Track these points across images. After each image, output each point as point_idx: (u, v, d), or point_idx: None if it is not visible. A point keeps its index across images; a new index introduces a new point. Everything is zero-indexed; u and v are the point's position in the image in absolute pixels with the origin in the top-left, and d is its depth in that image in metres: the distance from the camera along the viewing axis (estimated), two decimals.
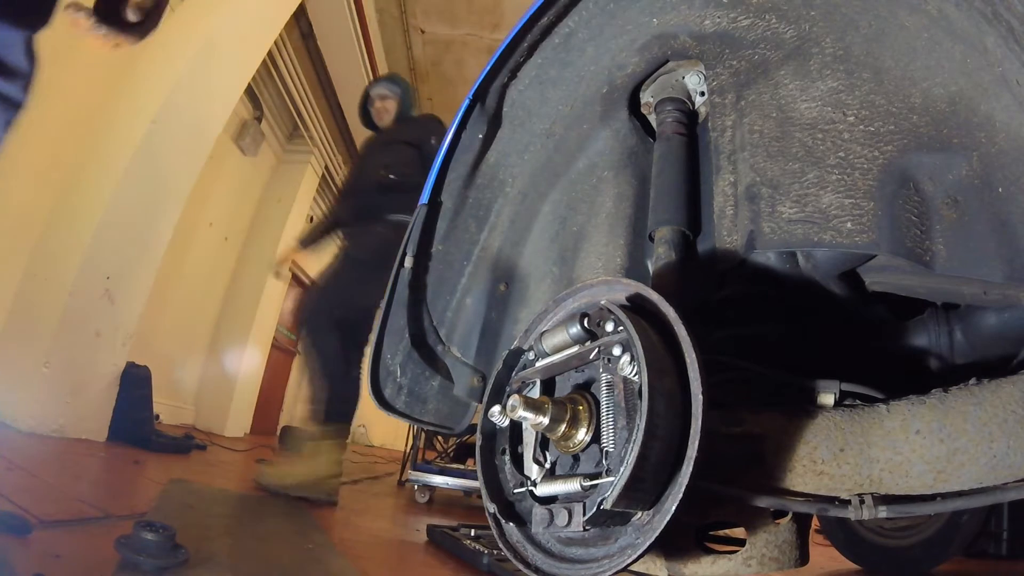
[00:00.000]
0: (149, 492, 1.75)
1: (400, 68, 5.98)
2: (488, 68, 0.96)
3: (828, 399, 0.74)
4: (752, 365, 0.81)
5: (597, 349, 0.60)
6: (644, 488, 0.53)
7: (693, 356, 0.55)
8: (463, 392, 1.04)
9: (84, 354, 2.64)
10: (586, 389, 0.63)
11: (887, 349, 0.87)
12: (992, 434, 0.60)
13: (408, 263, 1.01)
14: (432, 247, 1.05)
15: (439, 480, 3.20)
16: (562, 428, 0.60)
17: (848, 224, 0.69)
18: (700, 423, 0.52)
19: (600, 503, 0.53)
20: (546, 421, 0.59)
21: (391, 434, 10.59)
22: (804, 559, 0.78)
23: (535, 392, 0.67)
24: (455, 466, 3.70)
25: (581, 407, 0.61)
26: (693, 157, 0.91)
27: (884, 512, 0.62)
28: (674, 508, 0.52)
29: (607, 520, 0.55)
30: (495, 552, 1.56)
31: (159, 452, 2.78)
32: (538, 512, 0.61)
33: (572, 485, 0.58)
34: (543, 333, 0.68)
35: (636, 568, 0.73)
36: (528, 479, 0.64)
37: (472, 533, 1.88)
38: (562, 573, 0.58)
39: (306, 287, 2.67)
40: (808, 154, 0.75)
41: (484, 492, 0.67)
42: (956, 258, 0.66)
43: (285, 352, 6.42)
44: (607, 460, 0.56)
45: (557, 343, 0.66)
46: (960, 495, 0.61)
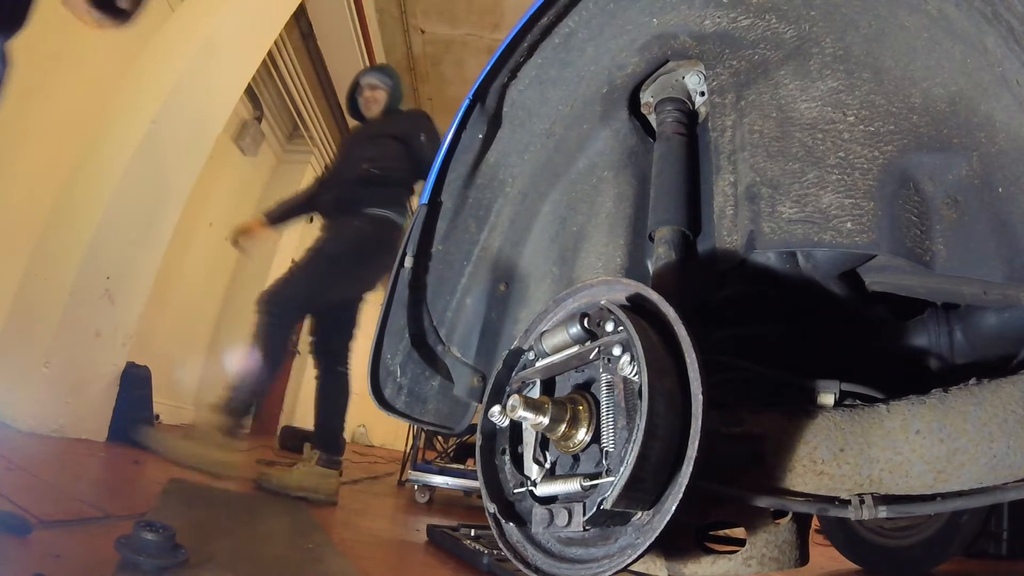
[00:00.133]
0: (149, 492, 1.75)
1: (400, 68, 5.97)
2: (488, 68, 0.96)
3: (828, 399, 0.74)
4: (752, 365, 0.81)
5: (597, 349, 0.60)
6: (644, 488, 0.53)
7: (693, 356, 0.55)
8: (463, 392, 1.04)
9: (84, 354, 2.64)
10: (586, 389, 0.63)
11: (887, 349, 0.87)
12: (992, 434, 0.60)
13: (408, 263, 1.01)
14: (432, 247, 1.05)
15: (439, 480, 3.20)
16: (562, 428, 0.60)
17: (848, 224, 0.69)
18: (700, 423, 0.52)
19: (600, 503, 0.53)
20: (546, 421, 0.59)
21: (391, 434, 10.59)
22: (804, 559, 0.78)
23: (535, 392, 0.67)
24: (455, 466, 3.70)
25: (581, 407, 0.61)
26: (693, 157, 0.91)
27: (884, 512, 0.62)
28: (674, 508, 0.52)
29: (607, 520, 0.55)
30: (495, 552, 1.56)
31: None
32: (538, 512, 0.61)
33: (572, 485, 0.58)
34: (543, 333, 0.68)
35: (636, 568, 0.73)
36: (528, 479, 0.64)
37: (472, 533, 1.88)
38: (562, 573, 0.58)
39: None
40: (808, 154, 0.75)
41: (484, 492, 0.67)
42: (956, 258, 0.66)
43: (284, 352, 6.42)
44: (607, 460, 0.56)
45: (557, 343, 0.66)
46: (960, 495, 0.61)
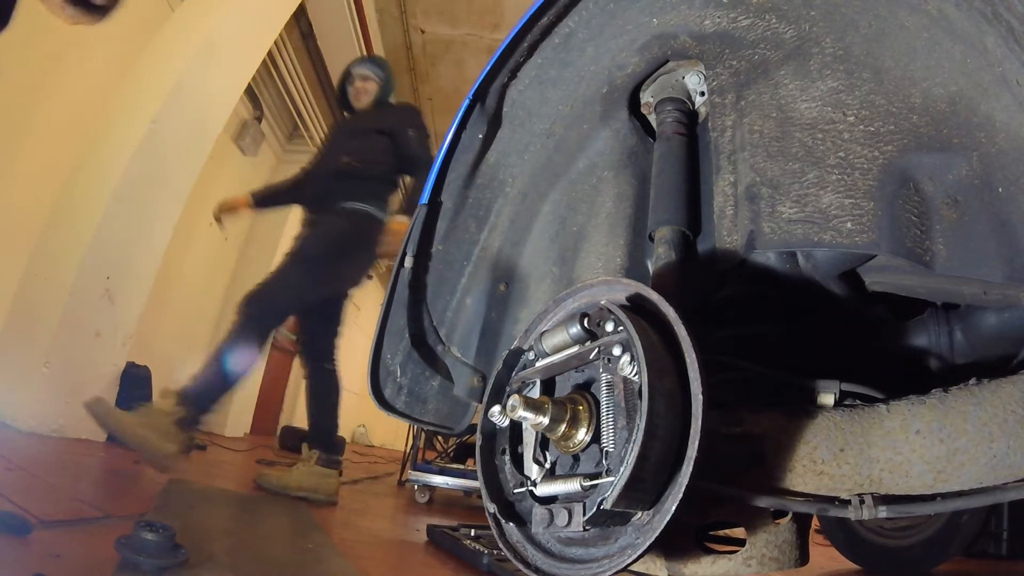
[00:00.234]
0: (149, 492, 1.75)
1: (400, 68, 5.97)
2: (488, 68, 0.96)
3: (828, 399, 0.74)
4: (752, 365, 0.81)
5: (597, 349, 0.60)
6: (644, 488, 0.53)
7: (693, 356, 0.55)
8: (463, 392, 1.04)
9: (84, 354, 2.64)
10: (586, 389, 0.63)
11: (887, 349, 0.87)
12: (992, 434, 0.60)
13: (408, 263, 1.01)
14: (432, 247, 1.05)
15: (439, 480, 3.20)
16: (562, 428, 0.60)
17: (848, 224, 0.69)
18: (700, 423, 0.52)
19: (600, 503, 0.53)
20: (546, 421, 0.59)
21: (391, 434, 10.60)
22: (804, 559, 0.78)
23: (535, 392, 0.67)
24: (455, 466, 3.70)
25: (581, 407, 0.61)
26: (693, 157, 0.91)
27: (884, 512, 0.62)
28: (674, 508, 0.52)
29: (607, 520, 0.55)
30: (495, 552, 1.56)
31: None
32: (538, 512, 0.61)
33: (572, 485, 0.58)
34: (543, 333, 0.68)
35: (636, 568, 0.73)
36: (528, 479, 0.64)
37: (472, 533, 1.88)
38: (562, 573, 0.58)
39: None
40: (808, 154, 0.74)
41: (484, 492, 0.67)
42: (956, 258, 0.66)
43: (285, 352, 6.43)
44: (607, 460, 0.56)
45: (557, 343, 0.66)
46: (960, 495, 0.61)
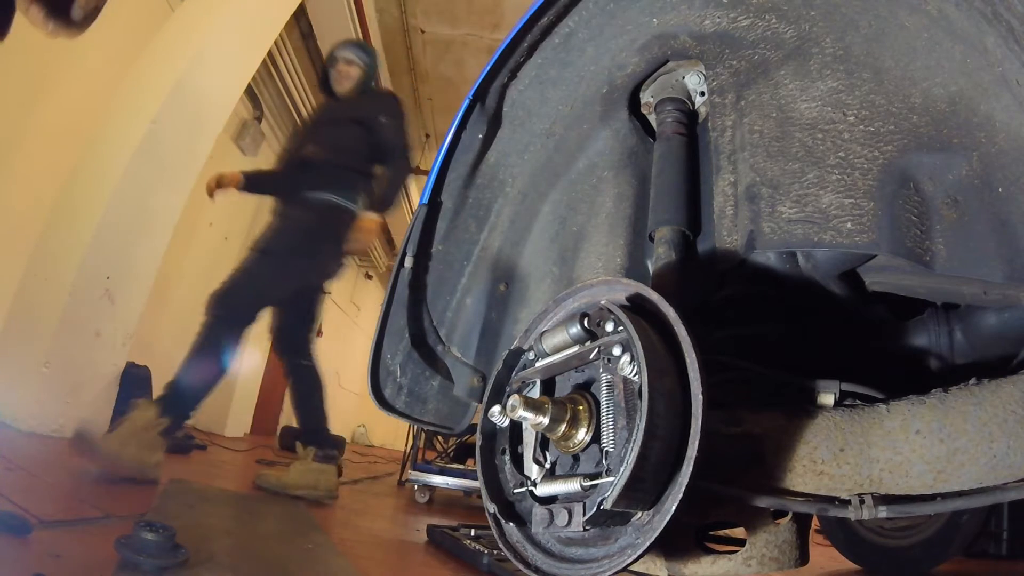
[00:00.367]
0: (149, 492, 1.75)
1: (400, 68, 5.98)
2: (488, 68, 0.96)
3: (828, 399, 0.74)
4: (752, 365, 0.81)
5: (597, 349, 0.60)
6: (644, 488, 0.53)
7: (693, 356, 0.55)
8: (463, 392, 1.04)
9: (84, 354, 2.64)
10: (586, 389, 0.63)
11: (887, 349, 0.87)
12: (992, 434, 0.60)
13: (408, 263, 1.01)
14: (432, 247, 1.05)
15: (439, 480, 3.20)
16: (562, 428, 0.60)
17: (848, 224, 0.69)
18: (700, 423, 0.52)
19: (600, 503, 0.53)
20: (546, 421, 0.59)
21: (391, 434, 10.60)
22: (804, 559, 0.78)
23: (535, 392, 0.67)
24: (455, 466, 3.70)
25: (581, 407, 0.61)
26: (693, 157, 0.91)
27: (884, 512, 0.62)
28: (674, 508, 0.52)
29: (607, 520, 0.55)
30: (495, 552, 1.56)
31: None
32: (538, 512, 0.61)
33: (572, 485, 0.58)
34: (543, 333, 0.68)
35: (636, 568, 0.73)
36: (528, 479, 0.64)
37: (472, 533, 1.88)
38: (562, 573, 0.58)
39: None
40: (808, 154, 0.74)
41: (484, 492, 0.67)
42: (956, 258, 0.66)
43: None
44: (607, 460, 0.56)
45: (557, 343, 0.66)
46: (960, 495, 0.61)
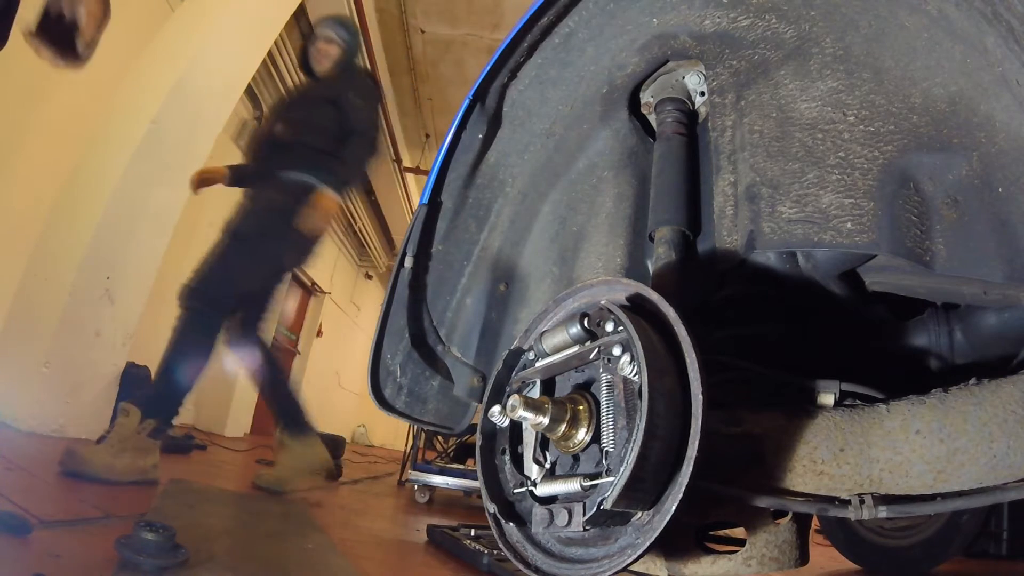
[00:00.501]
0: (149, 492, 1.75)
1: (400, 68, 5.98)
2: (488, 68, 0.96)
3: (828, 399, 0.74)
4: (752, 365, 0.81)
5: (597, 349, 0.60)
6: (644, 488, 0.53)
7: (693, 356, 0.55)
8: (463, 392, 1.04)
9: (84, 354, 2.64)
10: (586, 389, 0.63)
11: (887, 349, 0.87)
12: (992, 434, 0.60)
13: (408, 263, 1.01)
14: (432, 247, 1.06)
15: (439, 480, 3.20)
16: (562, 428, 0.60)
17: (848, 224, 0.69)
18: (700, 423, 0.52)
19: (600, 503, 0.53)
20: (546, 421, 0.59)
21: (391, 434, 10.60)
22: (804, 559, 0.78)
23: (535, 392, 0.67)
24: (455, 466, 3.70)
25: (581, 407, 0.61)
26: (693, 157, 0.91)
27: (884, 512, 0.62)
28: (674, 508, 0.52)
29: (607, 520, 0.55)
30: (495, 552, 1.56)
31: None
32: (538, 512, 0.61)
33: (572, 485, 0.58)
34: (543, 333, 0.68)
35: (636, 568, 0.73)
36: (528, 479, 0.64)
37: (472, 533, 1.88)
38: (562, 573, 0.58)
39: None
40: (808, 154, 0.75)
41: (484, 492, 0.67)
42: (956, 258, 0.66)
43: (285, 352, 6.43)
44: (607, 460, 0.56)
45: (557, 343, 0.66)
46: (960, 495, 0.61)
